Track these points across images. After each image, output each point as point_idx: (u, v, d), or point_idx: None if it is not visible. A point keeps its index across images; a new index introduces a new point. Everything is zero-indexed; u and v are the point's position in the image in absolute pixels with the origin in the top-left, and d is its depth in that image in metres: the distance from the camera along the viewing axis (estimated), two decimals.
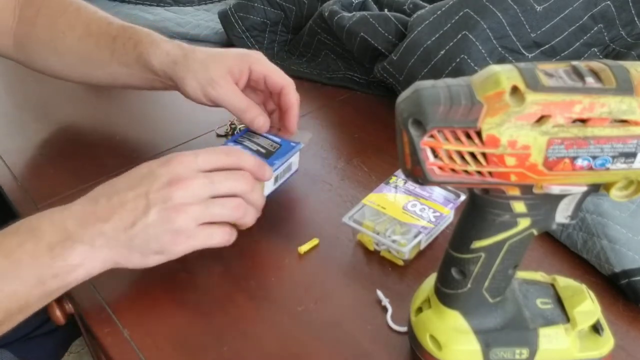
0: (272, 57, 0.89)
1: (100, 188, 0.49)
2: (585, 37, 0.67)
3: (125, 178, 0.49)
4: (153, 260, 0.48)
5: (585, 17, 0.66)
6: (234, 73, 0.59)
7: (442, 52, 0.67)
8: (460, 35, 0.66)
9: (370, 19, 0.74)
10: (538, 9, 0.66)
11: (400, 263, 0.53)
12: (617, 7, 0.67)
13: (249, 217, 0.51)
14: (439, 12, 0.68)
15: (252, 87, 0.62)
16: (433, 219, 0.54)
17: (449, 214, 0.56)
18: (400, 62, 0.70)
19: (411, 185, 0.57)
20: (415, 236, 0.52)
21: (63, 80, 0.71)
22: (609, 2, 0.66)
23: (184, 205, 0.47)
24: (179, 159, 0.49)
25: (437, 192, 0.57)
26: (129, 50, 0.62)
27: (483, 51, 0.65)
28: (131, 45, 0.62)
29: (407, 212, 0.55)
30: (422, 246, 0.55)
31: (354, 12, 0.78)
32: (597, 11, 0.67)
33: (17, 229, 0.46)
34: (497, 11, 0.65)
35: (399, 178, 0.59)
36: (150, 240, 0.47)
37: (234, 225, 0.51)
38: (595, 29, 0.67)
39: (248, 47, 0.88)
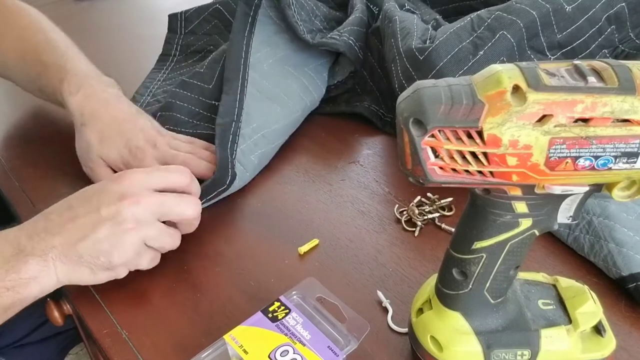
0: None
1: (54, 205, 0.49)
2: (600, 39, 0.66)
3: (78, 194, 0.49)
4: (102, 276, 0.49)
5: (603, 19, 0.65)
6: (115, 162, 0.61)
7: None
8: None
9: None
10: (567, 9, 0.64)
11: None
12: (630, 9, 0.66)
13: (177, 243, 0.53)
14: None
15: None
16: None
17: None
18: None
19: (295, 316, 0.44)
20: None
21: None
22: (624, 3, 0.65)
23: (134, 222, 0.47)
24: (131, 176, 0.49)
25: (321, 338, 0.42)
26: (49, 91, 0.66)
27: None
28: (50, 89, 0.65)
29: None
30: None
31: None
32: (612, 12, 0.65)
33: None
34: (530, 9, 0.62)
35: (283, 306, 0.45)
36: (100, 256, 0.47)
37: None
38: (609, 30, 0.66)
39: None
